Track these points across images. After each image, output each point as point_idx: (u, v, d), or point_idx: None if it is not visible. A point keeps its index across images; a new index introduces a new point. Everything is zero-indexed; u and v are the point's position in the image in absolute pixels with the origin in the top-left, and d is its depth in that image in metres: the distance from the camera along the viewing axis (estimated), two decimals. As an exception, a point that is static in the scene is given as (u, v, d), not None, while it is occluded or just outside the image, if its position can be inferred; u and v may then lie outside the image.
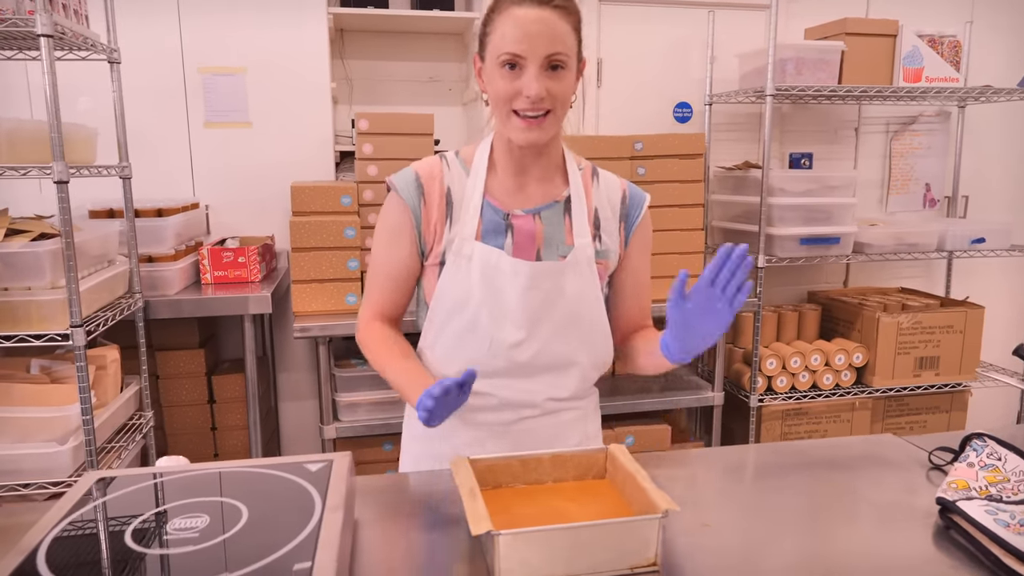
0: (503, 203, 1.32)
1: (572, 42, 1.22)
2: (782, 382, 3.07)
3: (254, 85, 2.98)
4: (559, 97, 1.22)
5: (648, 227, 1.43)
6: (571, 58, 1.22)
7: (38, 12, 1.80)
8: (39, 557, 0.88)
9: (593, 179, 1.39)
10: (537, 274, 1.29)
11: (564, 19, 1.20)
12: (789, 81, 2.92)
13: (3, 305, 1.97)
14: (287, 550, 0.88)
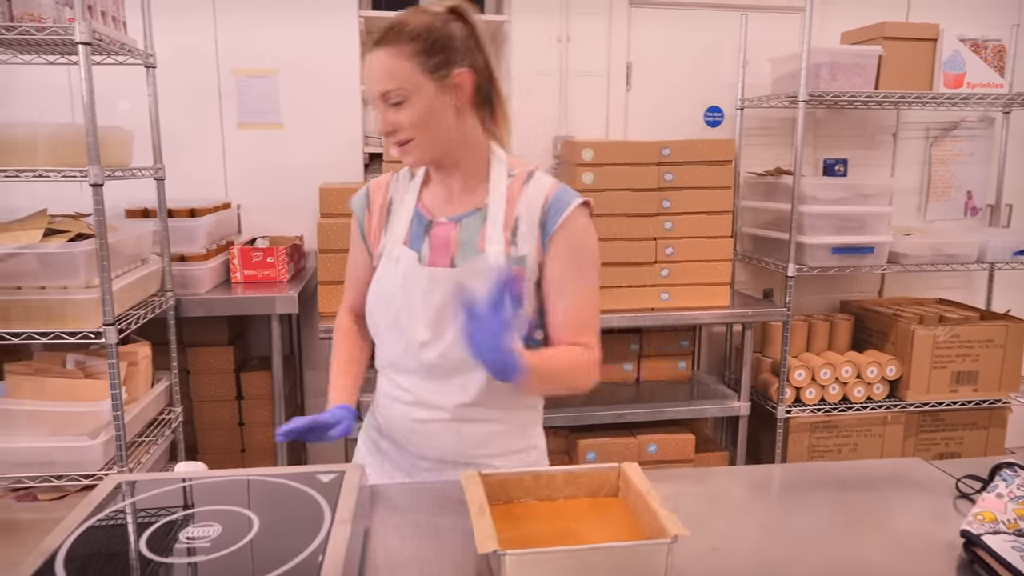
0: (431, 211, 1.39)
1: (409, 73, 1.24)
2: (811, 394, 3.02)
3: (286, 87, 3.02)
4: (409, 126, 1.27)
5: (572, 235, 1.33)
6: (409, 88, 1.25)
7: (77, 20, 1.85)
8: (58, 561, 0.91)
9: (524, 186, 1.36)
10: (436, 279, 1.33)
11: (396, 53, 1.24)
12: (823, 86, 2.87)
13: (40, 303, 2.03)
14: (295, 563, 0.90)
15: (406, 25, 1.24)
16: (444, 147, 1.31)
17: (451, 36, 1.26)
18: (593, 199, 2.69)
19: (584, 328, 1.38)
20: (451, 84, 1.27)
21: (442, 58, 1.25)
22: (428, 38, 1.24)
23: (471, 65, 1.28)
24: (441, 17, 1.27)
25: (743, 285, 3.47)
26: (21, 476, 2.10)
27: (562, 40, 3.18)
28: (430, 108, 1.26)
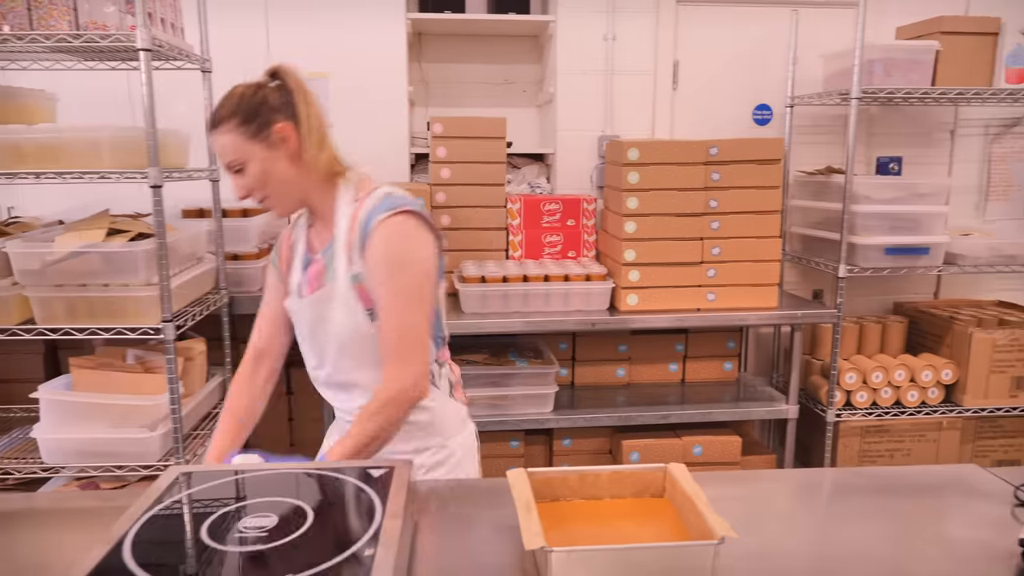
0: (313, 248, 1.53)
1: (238, 142, 1.40)
2: (862, 397, 2.96)
3: (335, 89, 3.07)
4: (257, 186, 1.42)
5: (381, 243, 1.40)
6: (244, 155, 1.40)
7: (139, 28, 1.92)
8: (124, 546, 0.95)
9: (361, 209, 1.45)
10: (302, 307, 1.51)
11: (224, 129, 1.40)
12: (877, 83, 2.80)
13: (102, 300, 2.11)
14: (348, 554, 0.92)
15: (225, 104, 1.41)
16: (296, 194, 1.46)
17: (264, 100, 1.41)
18: (639, 199, 2.70)
19: (383, 340, 1.42)
20: (276, 140, 1.40)
21: (260, 121, 1.40)
22: (242, 108, 1.40)
23: (291, 117, 1.41)
24: (254, 86, 1.42)
25: (792, 286, 3.41)
26: (85, 466, 2.19)
27: (608, 39, 3.17)
28: (265, 167, 1.41)
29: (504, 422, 2.74)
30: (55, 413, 2.19)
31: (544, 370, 2.75)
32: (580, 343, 3.04)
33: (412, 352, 1.40)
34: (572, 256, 3.01)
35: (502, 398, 2.75)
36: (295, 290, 1.53)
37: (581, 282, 2.71)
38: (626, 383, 3.09)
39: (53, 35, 1.91)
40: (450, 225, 2.88)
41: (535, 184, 3.24)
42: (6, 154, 2.00)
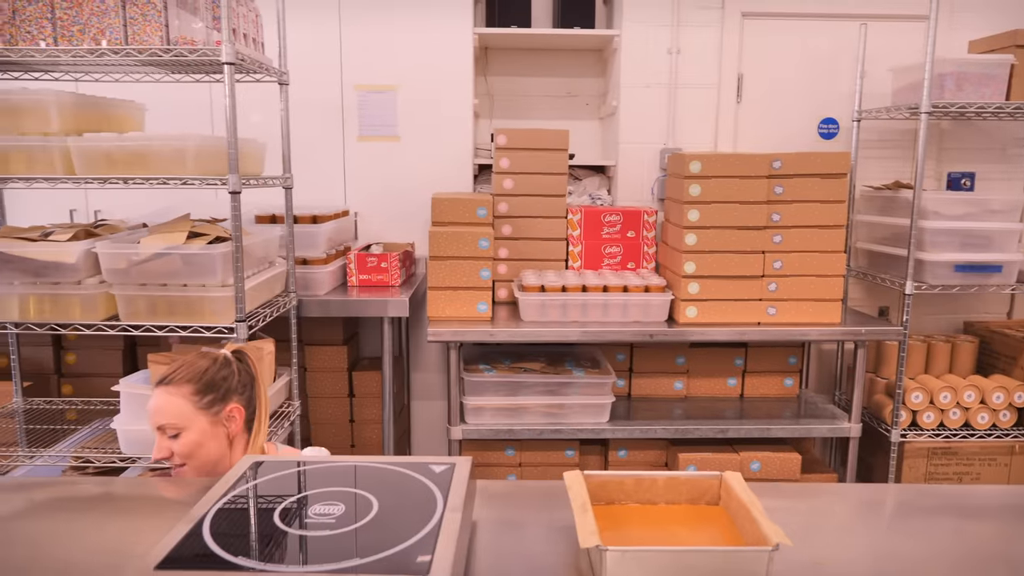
0: None
1: (183, 408, 1.46)
2: (929, 418, 2.88)
3: (404, 101, 3.17)
4: (184, 452, 1.48)
5: None
6: (184, 421, 1.46)
7: (224, 43, 2.03)
8: (204, 526, 1.02)
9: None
10: None
11: (172, 393, 1.46)
12: (948, 97, 2.74)
13: (181, 299, 2.23)
14: (410, 543, 0.97)
15: (184, 370, 1.48)
16: (214, 467, 1.52)
17: (225, 377, 1.50)
18: (700, 211, 2.70)
19: None
20: (224, 417, 1.50)
21: (216, 395, 1.49)
22: (203, 380, 1.48)
23: (245, 400, 1.50)
24: (221, 360, 1.49)
25: (857, 302, 3.34)
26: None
27: (672, 52, 3.19)
28: (201, 439, 1.48)
29: (560, 431, 2.76)
30: (134, 405, 2.32)
31: (601, 380, 2.77)
32: (638, 354, 3.04)
33: None
34: (631, 267, 3.03)
35: (558, 407, 2.77)
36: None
37: (640, 293, 2.72)
38: (683, 396, 3.07)
39: (146, 49, 2.04)
40: (511, 235, 2.94)
41: (596, 196, 3.27)
42: (99, 160, 2.14)
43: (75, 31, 2.08)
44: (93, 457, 2.38)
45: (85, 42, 2.06)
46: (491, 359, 2.93)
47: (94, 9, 2.06)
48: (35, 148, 2.15)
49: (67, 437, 2.54)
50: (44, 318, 2.24)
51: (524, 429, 2.74)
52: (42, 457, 2.39)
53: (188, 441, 1.48)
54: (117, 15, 2.06)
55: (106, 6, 2.05)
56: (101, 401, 2.83)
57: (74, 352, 2.99)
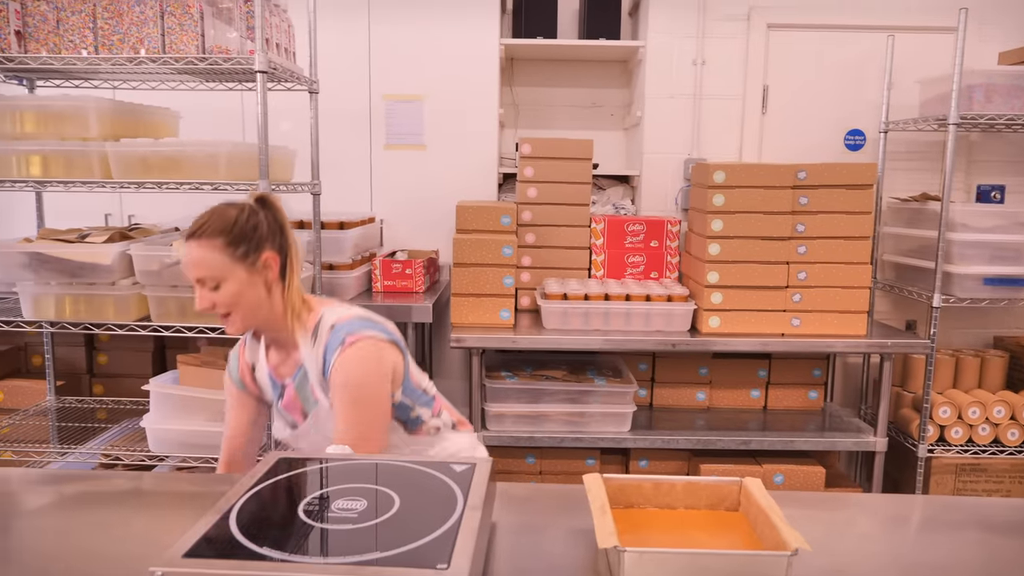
0: (279, 373, 1.61)
1: (219, 260, 1.45)
2: (957, 433, 2.84)
3: (430, 111, 3.21)
4: (226, 302, 1.48)
5: (338, 380, 1.48)
6: (222, 273, 1.46)
7: (257, 52, 2.09)
8: (231, 517, 1.04)
9: (317, 342, 1.53)
10: (297, 437, 1.61)
11: (207, 245, 1.45)
12: (977, 108, 2.72)
13: (211, 302, 2.28)
14: (431, 539, 0.99)
15: (212, 221, 1.46)
16: (260, 317, 1.52)
17: (256, 226, 1.48)
18: (724, 221, 2.70)
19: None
20: (260, 266, 1.49)
21: (249, 245, 1.47)
22: (234, 231, 1.46)
23: (277, 247, 1.50)
24: (248, 209, 1.48)
25: (883, 315, 3.30)
26: (187, 456, 2.36)
27: (697, 63, 3.20)
28: (242, 289, 1.47)
29: (580, 439, 2.77)
30: (163, 405, 2.37)
31: (623, 389, 2.77)
32: (660, 364, 3.04)
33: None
34: (654, 277, 3.03)
35: (579, 415, 2.78)
36: (282, 421, 1.63)
37: (663, 302, 2.72)
38: (706, 407, 3.06)
39: (182, 58, 2.10)
40: (534, 243, 2.96)
41: (620, 205, 3.28)
42: (135, 165, 2.20)
43: (115, 40, 2.15)
44: (123, 455, 2.44)
45: (125, 51, 2.13)
46: (513, 366, 2.94)
47: (134, 19, 2.12)
48: (74, 152, 2.21)
49: (97, 435, 2.60)
50: (79, 318, 2.30)
51: (545, 437, 2.75)
52: (73, 454, 2.45)
53: (229, 292, 1.47)
54: (156, 25, 2.12)
55: (145, 16, 2.12)
56: (131, 401, 2.89)
57: (106, 353, 3.06)
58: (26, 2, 2.16)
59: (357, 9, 3.14)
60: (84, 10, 2.15)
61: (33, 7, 2.16)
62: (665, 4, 3.16)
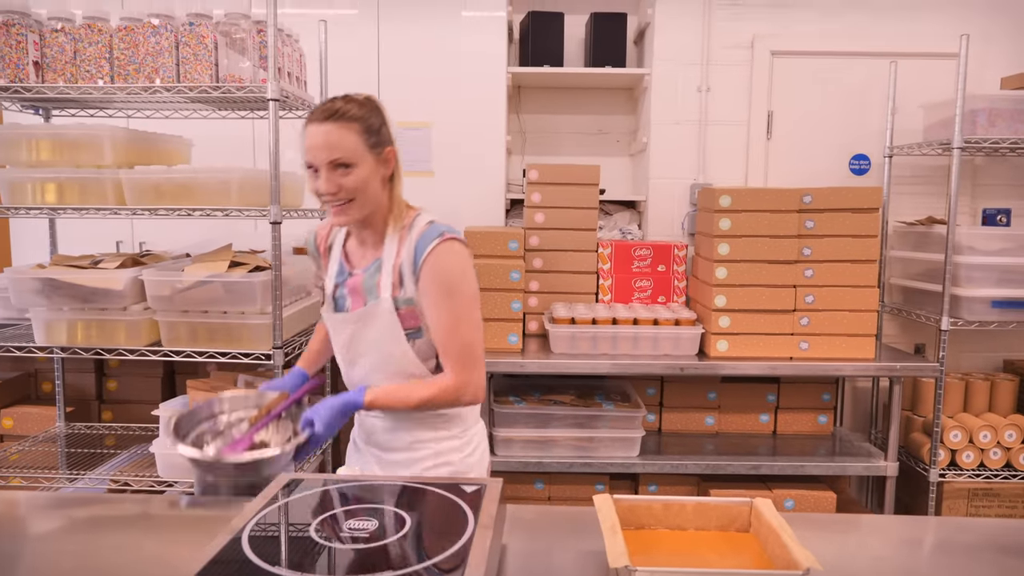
0: (352, 260, 1.66)
1: (355, 144, 1.49)
2: (968, 457, 2.81)
3: (438, 138, 3.25)
4: (351, 188, 1.50)
5: (434, 269, 1.53)
6: (356, 157, 1.49)
7: (269, 80, 2.13)
8: (243, 537, 1.05)
9: (408, 233, 1.58)
10: (340, 322, 1.63)
11: (345, 127, 1.48)
12: (981, 132, 2.74)
13: (221, 326, 2.30)
14: (442, 558, 0.99)
15: (349, 108, 1.50)
16: (371, 209, 1.56)
17: (381, 121, 1.55)
18: (730, 245, 2.71)
19: (450, 355, 1.57)
20: (383, 159, 1.54)
21: (378, 138, 1.53)
22: (368, 120, 1.51)
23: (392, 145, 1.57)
24: (370, 104, 1.53)
25: (892, 339, 3.30)
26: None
27: (702, 90, 3.24)
28: (367, 177, 1.51)
29: (589, 464, 2.75)
30: (173, 430, 2.37)
31: (631, 413, 2.76)
32: (668, 389, 3.03)
33: (473, 364, 1.56)
34: (662, 301, 3.04)
35: (588, 440, 2.77)
36: (331, 301, 1.66)
37: (670, 326, 2.73)
38: (715, 432, 3.05)
39: (196, 87, 2.15)
40: (542, 268, 2.97)
41: (626, 230, 3.30)
42: (148, 191, 2.23)
43: (131, 70, 2.20)
44: (132, 480, 2.44)
45: (140, 80, 2.18)
46: (521, 391, 2.94)
47: (149, 49, 2.17)
48: (89, 180, 2.25)
49: (106, 461, 2.61)
50: (91, 343, 2.32)
51: (554, 462, 2.74)
52: (82, 480, 2.45)
53: (358, 177, 1.49)
54: (171, 55, 2.17)
55: (160, 47, 2.17)
56: (140, 427, 2.90)
57: (115, 379, 3.08)
58: (44, 33, 2.22)
59: (367, 38, 3.20)
60: (101, 41, 2.20)
61: (51, 38, 2.21)
62: (670, 33, 3.21)
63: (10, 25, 2.17)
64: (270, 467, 1.41)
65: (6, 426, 2.91)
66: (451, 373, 1.56)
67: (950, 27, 3.11)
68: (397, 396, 1.57)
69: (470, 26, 3.16)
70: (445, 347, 1.56)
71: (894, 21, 3.19)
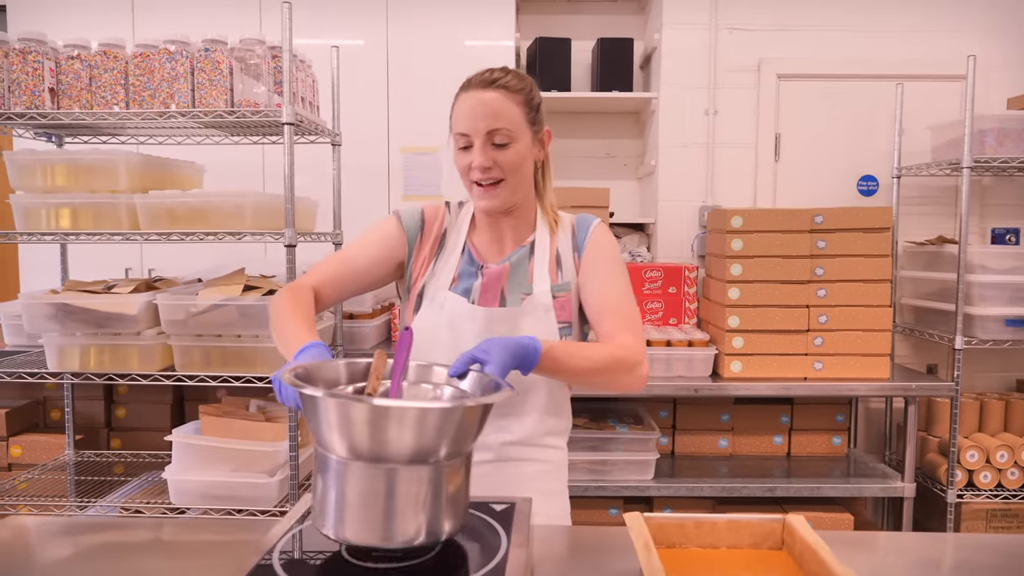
0: (481, 254, 1.46)
1: (517, 117, 1.35)
2: (986, 477, 2.78)
3: (447, 162, 3.27)
4: (507, 166, 1.35)
5: (600, 242, 1.44)
6: (516, 131, 1.35)
7: (285, 105, 2.15)
8: (274, 556, 1.03)
9: (558, 226, 1.47)
10: (491, 319, 1.39)
11: (508, 97, 1.34)
12: (989, 152, 2.76)
13: (235, 350, 2.29)
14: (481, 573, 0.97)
15: (511, 79, 1.37)
16: (522, 194, 1.41)
17: (540, 100, 1.42)
18: (742, 265, 2.70)
19: (622, 319, 1.39)
20: (539, 139, 1.41)
21: (537, 115, 1.40)
22: (531, 94, 1.39)
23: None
24: (529, 80, 1.42)
25: (904, 359, 3.28)
26: (208, 508, 2.33)
27: (709, 113, 3.27)
28: (524, 155, 1.37)
29: (604, 488, 2.72)
30: (185, 456, 2.35)
31: (645, 436, 2.74)
32: (681, 411, 3.01)
33: (642, 338, 1.40)
34: (673, 323, 3.03)
35: (601, 463, 2.74)
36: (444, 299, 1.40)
37: (683, 347, 2.71)
38: (729, 454, 3.02)
39: (212, 111, 2.16)
40: (552, 290, 2.96)
41: (636, 253, 3.31)
42: (162, 216, 2.24)
43: (146, 96, 2.21)
44: (143, 507, 2.41)
45: (156, 106, 2.19)
46: (533, 414, 2.91)
47: (165, 75, 2.19)
48: (103, 204, 2.26)
49: (116, 489, 2.57)
50: (103, 368, 2.31)
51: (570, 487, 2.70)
52: (93, 507, 2.42)
53: (516, 153, 1.35)
54: (186, 80, 2.19)
55: (176, 72, 2.18)
56: (150, 454, 2.87)
57: (124, 406, 3.05)
58: (60, 60, 2.24)
59: (375, 67, 3.23)
60: (116, 67, 2.22)
61: (67, 65, 2.23)
62: (676, 57, 3.25)
63: (27, 52, 2.19)
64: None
65: (14, 454, 2.88)
66: (629, 336, 1.37)
67: (954, 50, 3.15)
68: (579, 350, 1.34)
69: (478, 52, 3.19)
70: (619, 312, 1.39)
71: (899, 44, 3.22)
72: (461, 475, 1.04)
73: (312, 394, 0.95)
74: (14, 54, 2.19)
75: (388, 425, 0.94)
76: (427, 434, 0.96)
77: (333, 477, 0.99)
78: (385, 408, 0.94)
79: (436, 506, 0.99)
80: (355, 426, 0.95)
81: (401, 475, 0.96)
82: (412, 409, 0.95)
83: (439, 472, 0.99)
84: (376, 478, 0.96)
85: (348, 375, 1.20)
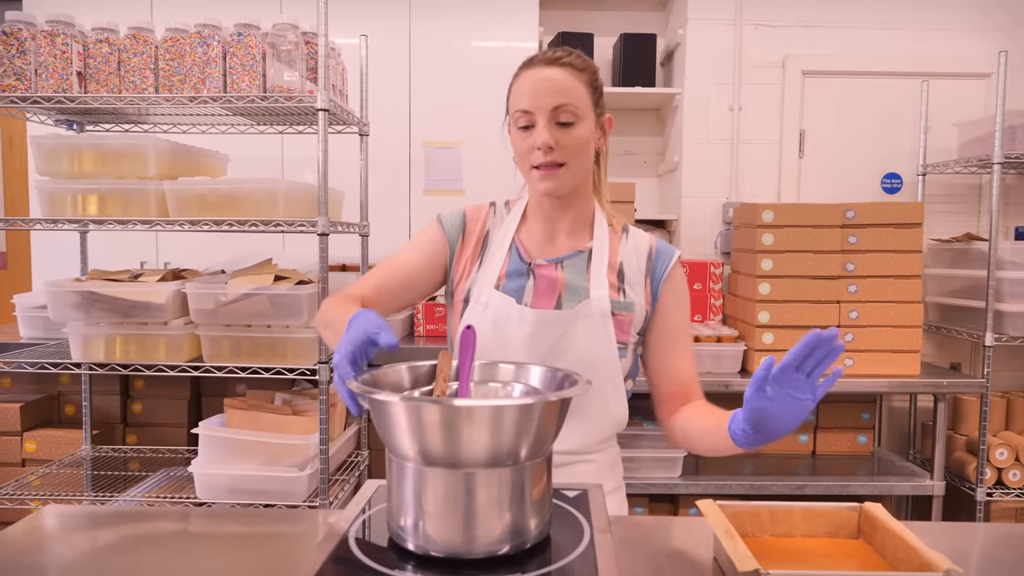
0: (530, 252, 1.37)
1: (583, 97, 1.28)
2: (1015, 476, 2.77)
3: (469, 156, 3.24)
4: (570, 149, 1.27)
5: (679, 283, 1.38)
6: (581, 111, 1.27)
7: (319, 91, 2.11)
8: (350, 539, 0.99)
9: (623, 234, 1.40)
10: (543, 322, 1.30)
11: (573, 76, 1.28)
12: (1020, 148, 2.75)
13: (265, 340, 2.24)
14: (571, 558, 0.94)
15: (578, 58, 1.31)
16: (581, 181, 1.33)
17: (603, 83, 1.36)
18: (773, 260, 2.68)
19: (696, 382, 1.41)
20: (601, 124, 1.34)
21: (601, 99, 1.33)
22: (595, 76, 1.33)
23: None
24: (593, 62, 1.35)
25: (928, 357, 3.27)
26: (235, 503, 2.28)
27: (734, 109, 3.25)
28: (588, 138, 1.29)
29: (631, 485, 2.66)
30: (212, 449, 2.30)
31: (673, 432, 2.70)
32: (706, 408, 2.98)
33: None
34: (699, 319, 3.00)
35: (628, 460, 2.71)
36: (489, 298, 1.33)
37: (712, 343, 2.69)
38: (754, 452, 2.99)
39: (244, 96, 2.12)
40: (578, 285, 2.93)
41: (658, 249, 3.28)
42: (192, 203, 2.19)
43: (175, 81, 2.17)
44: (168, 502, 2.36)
45: (186, 91, 2.15)
46: (558, 411, 2.88)
47: (196, 60, 2.15)
48: (132, 191, 2.21)
49: (134, 485, 2.52)
50: (129, 358, 2.26)
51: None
52: (114, 502, 2.37)
53: (579, 134, 1.27)
54: (218, 65, 2.14)
55: (208, 57, 2.14)
56: (169, 449, 2.82)
57: (140, 401, 3.00)
58: (88, 44, 2.19)
59: (398, 60, 3.20)
60: (146, 51, 2.18)
61: (95, 49, 2.19)
62: (701, 52, 3.23)
63: (54, 35, 2.14)
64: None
65: (28, 449, 2.82)
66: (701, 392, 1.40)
67: (979, 48, 3.15)
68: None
69: (501, 47, 3.17)
70: (691, 374, 1.41)
71: (924, 41, 3.22)
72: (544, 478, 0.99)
73: (385, 400, 0.91)
74: (42, 36, 2.14)
75: (469, 427, 0.89)
76: (507, 433, 0.91)
77: (410, 485, 0.94)
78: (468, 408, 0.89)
79: (521, 511, 0.94)
80: (433, 430, 0.90)
81: (480, 479, 0.91)
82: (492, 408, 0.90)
83: (521, 474, 0.94)
84: (455, 484, 0.91)
85: (412, 379, 1.19)
